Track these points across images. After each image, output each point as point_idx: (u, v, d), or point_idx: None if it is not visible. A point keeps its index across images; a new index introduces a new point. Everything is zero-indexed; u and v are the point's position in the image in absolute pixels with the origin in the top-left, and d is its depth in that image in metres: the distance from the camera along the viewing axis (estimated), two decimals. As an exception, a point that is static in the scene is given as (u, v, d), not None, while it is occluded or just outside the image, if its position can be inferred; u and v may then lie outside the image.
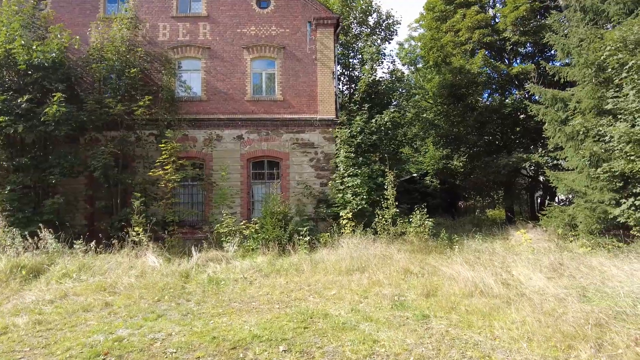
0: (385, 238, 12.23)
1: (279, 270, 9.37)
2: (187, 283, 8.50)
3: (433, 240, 12.90)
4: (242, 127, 15.16)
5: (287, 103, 15.27)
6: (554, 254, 9.82)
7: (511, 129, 19.15)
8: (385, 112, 14.58)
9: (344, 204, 13.43)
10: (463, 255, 10.10)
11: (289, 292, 7.67)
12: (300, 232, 11.39)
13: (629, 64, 10.39)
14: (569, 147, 12.38)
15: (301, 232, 11.34)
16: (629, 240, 11.03)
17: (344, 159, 14.00)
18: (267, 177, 15.32)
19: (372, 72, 15.60)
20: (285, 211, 12.09)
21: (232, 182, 14.87)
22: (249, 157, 15.13)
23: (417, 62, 26.90)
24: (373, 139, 14.42)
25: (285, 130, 15.15)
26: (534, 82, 14.44)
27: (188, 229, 14.65)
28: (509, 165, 16.37)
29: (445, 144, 20.98)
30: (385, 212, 12.56)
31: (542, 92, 13.63)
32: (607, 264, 8.43)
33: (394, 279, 8.17)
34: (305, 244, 11.16)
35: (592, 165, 11.32)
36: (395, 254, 10.07)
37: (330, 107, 15.13)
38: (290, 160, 15.05)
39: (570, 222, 12.53)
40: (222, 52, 15.58)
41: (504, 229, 15.78)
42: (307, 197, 14.69)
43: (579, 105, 12.09)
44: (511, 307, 5.92)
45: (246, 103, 15.31)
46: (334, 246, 11.39)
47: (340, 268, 9.11)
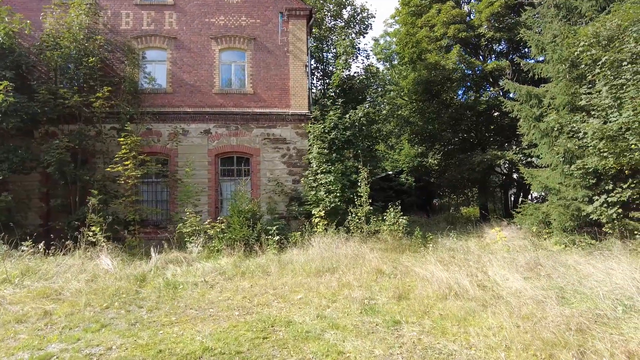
0: (359, 237, 11.81)
1: (244, 272, 8.78)
2: (143, 287, 7.81)
3: (407, 239, 12.56)
4: (209, 121, 14.44)
5: (258, 96, 14.63)
6: (529, 252, 9.61)
7: (486, 127, 19.07)
8: (359, 107, 14.13)
9: (317, 202, 12.93)
10: (437, 255, 9.77)
11: (252, 296, 7.10)
12: (269, 231, 10.80)
13: (601, 60, 10.27)
14: (543, 143, 12.25)
15: (270, 232, 10.76)
16: (601, 237, 10.97)
17: (317, 155, 13.49)
18: (237, 173, 14.65)
19: (345, 66, 15.11)
20: (253, 209, 11.48)
21: (198, 178, 14.13)
22: (217, 153, 14.42)
23: (392, 59, 26.64)
24: (347, 134, 13.95)
25: (255, 125, 14.51)
26: (508, 79, 14.29)
27: (152, 228, 13.86)
28: (483, 163, 16.24)
29: (420, 142, 20.77)
30: (359, 210, 12.13)
31: (517, 89, 13.49)
32: (583, 262, 8.23)
33: (365, 280, 7.71)
34: (275, 243, 10.60)
35: (566, 162, 11.20)
36: (368, 254, 9.63)
37: (303, 102, 14.59)
38: (261, 156, 14.43)
39: (544, 219, 12.42)
40: (189, 42, 14.79)
41: (479, 226, 15.64)
42: (278, 194, 14.10)
43: (553, 101, 11.96)
44: (487, 310, 5.55)
45: (214, 96, 14.58)
46: (305, 246, 10.87)
47: (310, 269, 8.59)
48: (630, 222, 10.36)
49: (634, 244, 10.06)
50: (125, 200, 12.38)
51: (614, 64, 10.13)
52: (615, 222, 10.41)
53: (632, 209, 10.46)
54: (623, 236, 10.53)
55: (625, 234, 10.55)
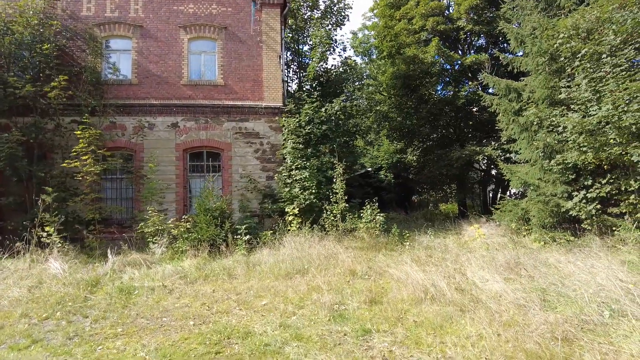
0: (334, 235, 11.29)
1: (208, 275, 8.14)
2: (94, 294, 7.09)
3: (384, 236, 12.13)
4: (177, 113, 13.66)
5: (229, 88, 13.92)
6: (509, 250, 9.26)
7: (464, 122, 18.83)
8: (335, 100, 13.58)
9: (291, 199, 12.34)
10: (414, 253, 9.34)
11: (212, 303, 6.48)
12: (238, 230, 10.16)
13: (581, 52, 10.00)
14: (523, 138, 11.97)
15: (239, 231, 10.12)
16: (580, 233, 10.76)
17: (291, 150, 12.89)
18: (207, 169, 13.92)
19: (322, 58, 14.53)
20: (221, 207, 10.81)
21: (165, 175, 13.35)
22: (186, 148, 13.66)
23: (371, 53, 26.20)
24: (323, 129, 13.39)
25: (226, 118, 13.80)
26: (487, 73, 13.98)
27: (116, 227, 13.00)
28: (462, 159, 15.95)
29: (399, 138, 20.41)
30: (334, 207, 11.61)
31: (496, 82, 13.18)
32: (563, 261, 7.92)
33: (336, 282, 7.19)
34: (244, 244, 9.96)
35: (545, 157, 10.93)
36: (342, 254, 9.12)
37: (277, 94, 13.95)
38: (233, 151, 13.74)
39: (523, 216, 12.16)
40: (156, 31, 13.96)
41: (457, 223, 15.34)
42: (251, 191, 13.45)
43: (532, 95, 11.68)
44: (466, 316, 5.09)
45: (182, 87, 13.80)
46: (277, 246, 10.28)
47: (279, 271, 8.02)
48: (608, 218, 10.16)
49: (613, 241, 9.86)
50: (85, 198, 11.54)
51: (594, 56, 9.88)
52: (594, 219, 10.20)
53: (611, 205, 10.25)
54: (602, 232, 10.34)
55: (604, 230, 10.37)
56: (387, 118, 19.96)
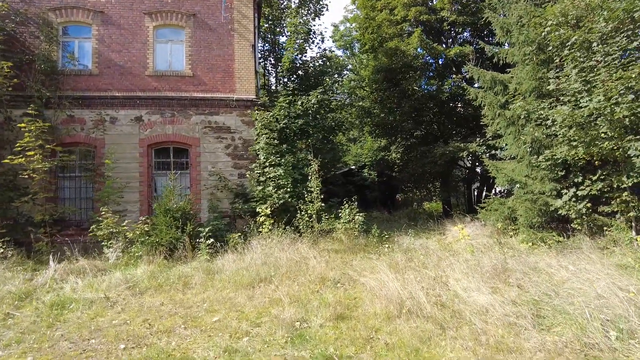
0: (309, 237, 10.46)
1: (162, 284, 7.21)
2: (20, 309, 6.11)
3: (364, 237, 11.38)
4: (141, 106, 12.63)
5: (198, 79, 12.95)
6: (495, 253, 8.53)
7: (448, 118, 18.17)
8: (312, 93, 12.73)
9: (264, 198, 11.45)
10: (393, 257, 8.56)
11: (156, 319, 5.57)
12: (200, 233, 9.22)
13: (570, 41, 9.35)
14: (509, 133, 11.30)
15: (202, 234, 9.18)
16: (569, 233, 10.14)
17: (264, 145, 11.99)
18: (174, 167, 12.93)
19: (298, 47, 13.66)
20: (184, 207, 9.85)
21: (129, 172, 12.32)
22: (151, 143, 12.64)
23: (353, 47, 25.37)
24: (299, 123, 12.53)
25: (195, 112, 12.83)
26: (472, 65, 13.29)
27: (74, 230, 11.91)
28: (446, 155, 15.26)
29: (382, 134, 19.64)
30: (309, 206, 10.77)
31: (481, 74, 12.50)
32: (555, 265, 7.23)
33: (304, 293, 6.35)
34: (207, 248, 9.02)
35: (533, 152, 10.27)
36: (313, 259, 8.28)
37: (249, 86, 13.03)
38: (202, 146, 12.77)
39: (510, 215, 11.51)
40: (118, 17, 12.89)
41: (441, 223, 14.65)
42: (221, 190, 12.50)
43: (519, 87, 11.01)
44: (446, 336, 4.31)
45: (147, 78, 12.78)
46: (246, 249, 9.38)
47: (241, 280, 7.14)
48: (599, 218, 9.54)
49: (604, 241, 9.25)
50: (34, 198, 10.48)
51: (584, 44, 9.23)
52: (584, 218, 9.57)
53: (601, 203, 9.63)
54: (592, 232, 9.73)
55: (594, 230, 9.76)
56: (369, 114, 19.18)
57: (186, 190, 12.74)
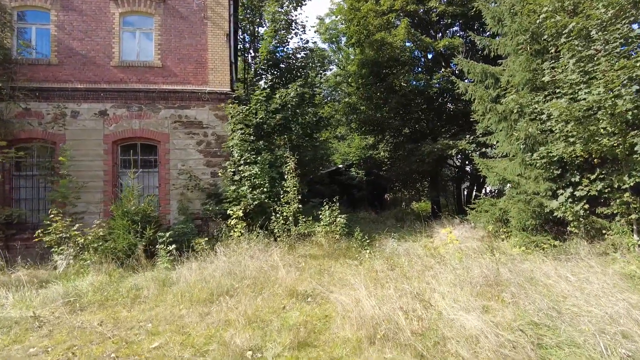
0: (285, 242, 9.59)
1: (109, 298, 6.30)
2: None
3: (346, 241, 10.56)
4: (106, 99, 11.64)
5: (168, 70, 11.99)
6: (486, 259, 7.75)
7: (437, 115, 17.40)
8: (291, 85, 11.85)
9: (237, 199, 10.55)
10: (374, 264, 7.74)
11: (85, 344, 4.66)
12: (162, 237, 8.28)
13: (567, 28, 8.62)
14: (501, 129, 10.55)
15: (162, 239, 8.24)
16: (566, 237, 9.42)
17: (239, 142, 11.08)
18: (142, 164, 11.96)
19: (277, 37, 12.74)
20: (145, 209, 8.91)
21: (92, 171, 11.34)
22: (116, 139, 11.66)
23: (339, 41, 24.48)
24: (277, 118, 11.65)
25: (164, 105, 11.87)
26: (462, 58, 12.50)
27: (30, 234, 10.89)
28: (434, 153, 14.48)
29: (368, 131, 18.82)
30: (285, 208, 9.89)
31: (471, 67, 11.73)
32: (553, 275, 6.48)
33: (267, 310, 5.49)
34: (167, 255, 8.09)
35: (527, 149, 9.51)
36: (290, 265, 7.42)
37: (223, 78, 12.11)
38: (171, 143, 11.82)
39: (501, 217, 10.77)
40: (80, 3, 11.86)
41: (429, 224, 13.87)
42: (191, 190, 11.57)
43: (512, 79, 10.25)
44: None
45: (113, 69, 11.78)
46: (214, 256, 8.48)
47: (200, 293, 6.25)
48: (597, 220, 8.81)
49: (603, 246, 8.53)
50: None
51: (582, 32, 8.49)
52: (581, 220, 8.84)
53: (600, 204, 8.91)
54: (590, 236, 9.01)
55: (592, 234, 9.04)
56: (355, 110, 18.34)
57: (154, 190, 11.80)
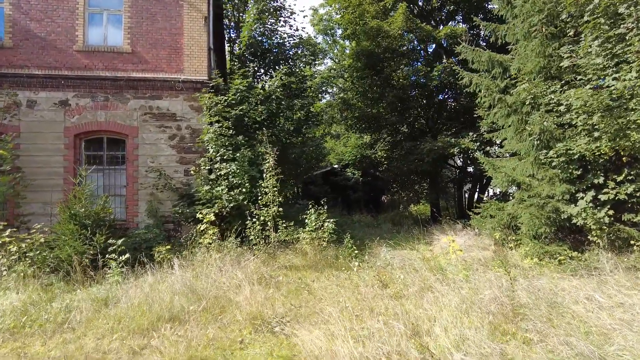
0: (263, 250, 8.33)
1: (25, 325, 5.03)
2: None
3: (335, 248, 9.35)
4: (68, 88, 10.39)
5: (139, 57, 10.74)
6: (495, 274, 6.51)
7: (438, 111, 16.17)
8: (276, 73, 10.61)
9: (211, 201, 9.30)
10: (363, 278, 6.51)
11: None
12: (112, 246, 7.00)
13: (592, 4, 7.39)
14: (510, 124, 9.29)
15: (112, 247, 6.97)
16: (584, 247, 8.19)
17: (214, 136, 9.83)
18: (109, 161, 10.71)
19: (258, 18, 11.49)
20: (97, 212, 7.64)
21: (50, 167, 10.09)
22: (79, 133, 10.40)
23: (334, 33, 23.23)
24: (259, 110, 10.41)
25: (133, 95, 10.62)
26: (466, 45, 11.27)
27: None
28: (434, 152, 13.22)
29: (364, 129, 17.58)
30: (263, 212, 8.63)
31: (476, 55, 10.50)
32: (581, 297, 5.29)
33: (219, 345, 4.24)
34: (119, 266, 6.80)
35: (541, 146, 8.25)
36: (258, 282, 6.18)
37: (200, 65, 10.87)
38: (140, 137, 10.57)
39: (509, 223, 9.54)
40: (42, -21, 10.64)
41: (428, 229, 12.62)
42: (161, 190, 10.31)
43: (523, 66, 9.01)
44: None
45: (76, 54, 10.53)
46: (177, 267, 7.23)
47: (142, 317, 5.00)
48: (624, 229, 7.57)
49: (632, 259, 7.28)
50: None
51: (608, 9, 7.26)
52: (604, 229, 7.60)
53: (627, 210, 7.67)
54: (614, 247, 7.77)
55: (617, 244, 7.80)
56: (350, 105, 17.09)
57: (122, 190, 10.56)
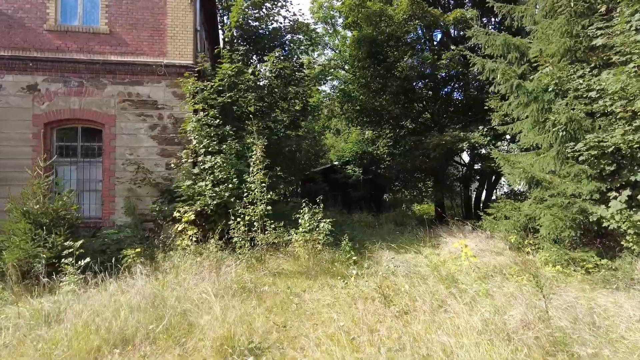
0: (248, 255, 7.32)
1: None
2: None
3: (332, 251, 8.38)
4: (37, 71, 9.38)
5: (117, 38, 9.72)
6: (517, 286, 5.48)
7: (444, 105, 15.11)
8: (268, 57, 9.58)
9: (193, 197, 8.28)
10: (361, 290, 5.51)
11: None
12: (68, 249, 6.00)
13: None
14: (529, 113, 8.24)
15: (66, 251, 5.96)
16: (614, 253, 7.17)
17: (197, 125, 8.82)
18: (83, 153, 9.71)
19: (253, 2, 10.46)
20: (57, 209, 6.64)
21: (16, 159, 9.09)
22: (50, 121, 9.39)
23: (335, 22, 22.13)
24: (248, 98, 9.40)
25: (111, 80, 9.60)
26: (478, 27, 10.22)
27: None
28: (441, 147, 12.17)
29: (366, 122, 16.53)
30: (249, 210, 7.61)
31: (490, 39, 9.46)
32: (633, 321, 4.24)
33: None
34: (76, 272, 5.80)
35: (566, 138, 7.22)
36: (216, 303, 5.18)
37: (185, 48, 9.84)
38: (118, 126, 9.56)
39: (526, 225, 8.53)
40: (10, -49, 9.63)
41: (434, 230, 11.59)
42: (139, 185, 9.30)
43: (546, 47, 7.96)
44: None
45: (47, 35, 9.51)
46: (146, 274, 6.24)
47: (85, 343, 4.01)
48: (664, 233, 6.53)
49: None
50: None
51: (651, -22, 6.23)
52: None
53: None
54: (651, 254, 6.74)
55: (654, 250, 6.77)
56: (351, 97, 16.03)
57: (98, 185, 9.57)
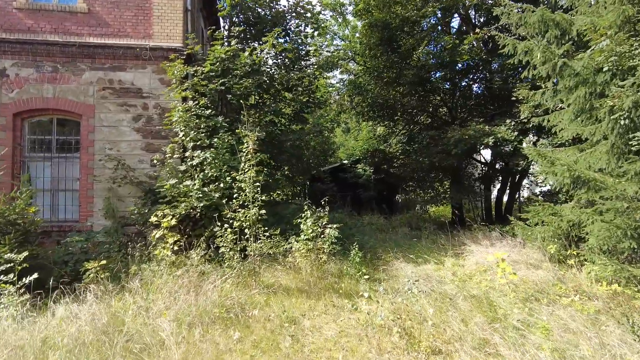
0: (238, 268, 6.11)
1: None
2: None
3: (339, 261, 7.21)
4: (5, 54, 8.29)
5: (97, 18, 8.60)
6: (571, 315, 4.19)
7: (463, 96, 13.74)
8: (267, 37, 8.39)
9: (175, 199, 7.10)
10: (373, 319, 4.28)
11: None
12: (10, 261, 4.86)
13: None
14: (573, 100, 6.89)
15: (10, 264, 4.82)
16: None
17: (183, 114, 7.65)
18: (59, 147, 8.61)
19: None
20: (3, 212, 5.50)
21: (-18, 154, 8.05)
22: (20, 111, 8.29)
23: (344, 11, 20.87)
24: (243, 84, 8.20)
25: (89, 65, 8.48)
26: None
27: None
28: (464, 142, 10.81)
29: (378, 116, 15.24)
30: (239, 215, 6.39)
31: (525, 15, 8.11)
32: None
33: None
34: (17, 292, 4.65)
35: (628, 128, 5.87)
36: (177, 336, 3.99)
37: (174, 29, 8.69)
38: (98, 117, 8.43)
39: (569, 232, 7.21)
40: None
41: (454, 235, 10.27)
42: (120, 184, 8.16)
43: (599, 20, 6.61)
44: None
45: (17, 14, 8.43)
46: (101, 296, 5.09)
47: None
48: None
49: None
50: None
51: None
52: None
53: None
54: None
55: None
56: (361, 89, 14.75)
57: (76, 183, 8.47)
